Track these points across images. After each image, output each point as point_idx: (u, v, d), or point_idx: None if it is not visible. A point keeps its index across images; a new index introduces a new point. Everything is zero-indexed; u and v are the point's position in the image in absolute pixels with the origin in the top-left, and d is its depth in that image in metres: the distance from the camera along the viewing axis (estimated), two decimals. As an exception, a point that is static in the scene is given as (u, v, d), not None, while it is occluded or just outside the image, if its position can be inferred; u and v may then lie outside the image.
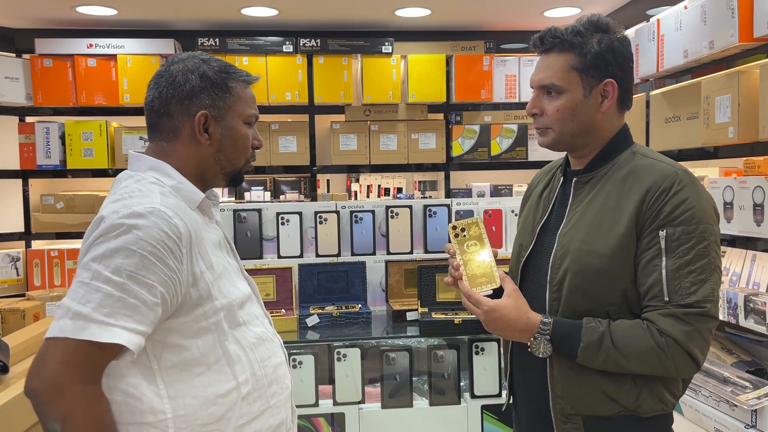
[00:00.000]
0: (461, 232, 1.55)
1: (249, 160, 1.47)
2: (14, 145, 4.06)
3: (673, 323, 1.36)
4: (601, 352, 1.39)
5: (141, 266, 1.19)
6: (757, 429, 2.25)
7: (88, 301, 1.17)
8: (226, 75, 1.40)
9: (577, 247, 1.45)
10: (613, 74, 1.47)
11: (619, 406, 1.42)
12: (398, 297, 3.05)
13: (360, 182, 4.65)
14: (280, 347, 1.52)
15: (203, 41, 4.07)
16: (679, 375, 1.41)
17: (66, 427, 1.16)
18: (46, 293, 3.48)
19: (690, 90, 2.81)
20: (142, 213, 1.22)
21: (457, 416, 2.73)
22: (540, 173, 1.76)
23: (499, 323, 1.47)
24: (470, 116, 4.46)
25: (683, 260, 1.37)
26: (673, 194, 1.38)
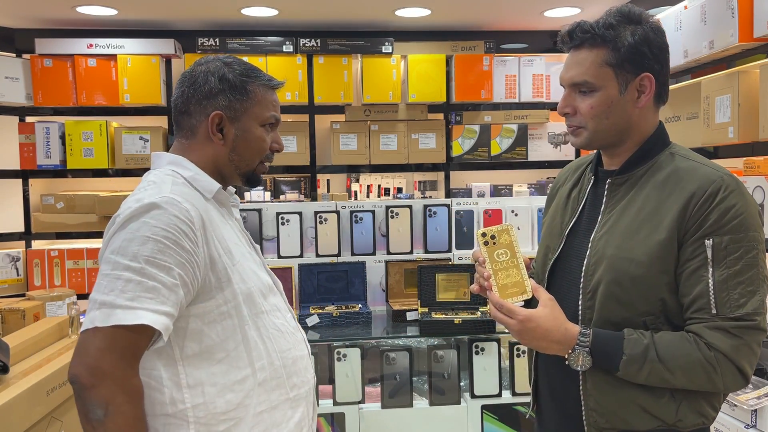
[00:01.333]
0: (491, 240, 1.46)
1: (264, 161, 1.50)
2: (14, 145, 4.06)
3: (721, 337, 1.29)
4: (645, 365, 1.31)
5: (156, 250, 1.25)
6: (757, 429, 2.25)
7: (111, 290, 1.23)
8: (246, 78, 1.45)
9: (612, 254, 1.37)
10: (650, 67, 1.38)
11: (657, 420, 1.35)
12: (398, 297, 3.05)
13: (360, 182, 4.65)
14: (302, 342, 1.52)
15: (203, 41, 4.07)
16: (726, 390, 1.35)
17: (109, 414, 1.19)
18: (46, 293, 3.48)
19: (690, 90, 2.81)
20: (153, 203, 1.28)
21: (457, 416, 2.73)
22: (566, 170, 1.67)
23: (535, 334, 1.37)
24: (470, 116, 4.46)
25: (731, 271, 1.29)
26: (720, 201, 1.30)
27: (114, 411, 1.20)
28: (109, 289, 1.23)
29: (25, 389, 1.97)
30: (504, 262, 1.44)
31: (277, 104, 1.51)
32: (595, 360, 1.35)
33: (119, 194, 4.05)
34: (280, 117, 1.51)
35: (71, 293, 3.56)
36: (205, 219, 1.34)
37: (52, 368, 2.20)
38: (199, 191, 1.41)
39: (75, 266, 4.05)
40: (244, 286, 1.38)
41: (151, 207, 1.27)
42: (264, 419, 1.38)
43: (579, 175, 1.58)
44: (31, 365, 2.23)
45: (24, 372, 2.14)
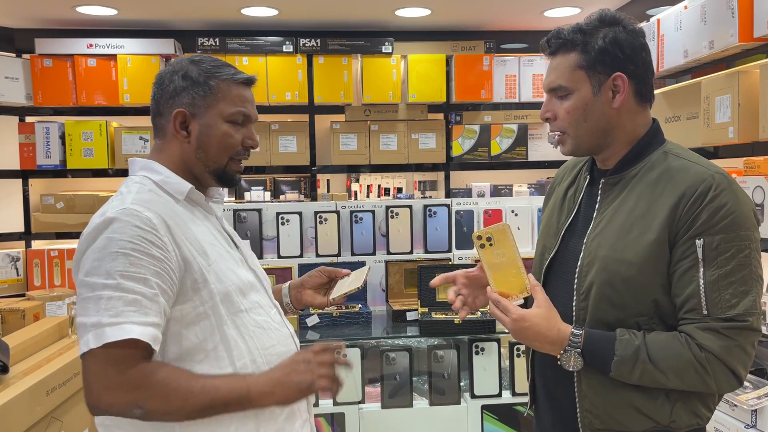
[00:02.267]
0: (487, 242, 1.43)
1: (234, 159, 1.47)
2: (14, 145, 4.06)
3: (712, 338, 1.28)
4: (637, 366, 1.31)
5: (128, 264, 1.25)
6: (757, 429, 2.25)
7: (97, 311, 1.24)
8: (210, 74, 1.44)
9: (604, 255, 1.37)
10: (622, 67, 1.38)
11: (651, 421, 1.35)
12: (398, 297, 3.05)
13: (360, 182, 4.65)
14: (289, 338, 1.51)
15: (203, 41, 4.07)
16: (719, 391, 1.34)
17: (144, 409, 1.24)
18: (46, 293, 3.48)
19: (690, 90, 2.81)
20: (111, 217, 1.29)
21: (457, 416, 2.73)
22: (564, 169, 1.67)
23: (528, 333, 1.37)
24: (470, 116, 4.46)
25: (723, 271, 1.28)
26: (711, 200, 1.29)
27: (146, 407, 1.24)
28: (94, 310, 1.24)
29: (25, 389, 1.97)
30: (501, 263, 1.42)
31: (246, 100, 1.47)
32: (586, 361, 1.35)
33: (119, 194, 4.05)
34: (251, 113, 1.48)
35: (71, 293, 3.56)
36: (171, 223, 1.34)
37: (52, 368, 2.20)
38: (170, 194, 1.41)
39: (75, 266, 4.05)
40: (220, 285, 1.37)
41: (110, 222, 1.28)
42: (249, 417, 1.37)
43: (575, 174, 1.58)
44: (31, 365, 2.23)
45: (24, 372, 2.14)
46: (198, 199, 1.47)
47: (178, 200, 1.42)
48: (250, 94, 1.49)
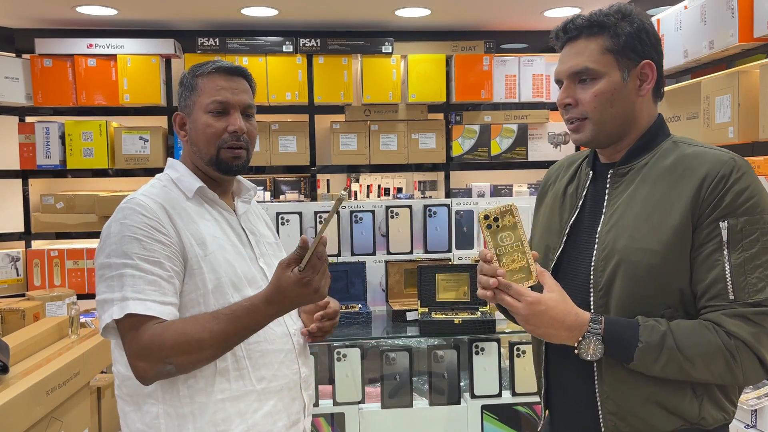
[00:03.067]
0: (494, 222, 1.34)
1: (224, 147, 1.52)
2: (14, 145, 4.06)
3: (741, 324, 1.22)
4: (663, 354, 1.23)
5: (142, 248, 1.38)
6: (757, 429, 2.25)
7: (121, 287, 1.36)
8: (193, 74, 1.55)
9: (624, 246, 1.30)
10: (650, 55, 1.35)
11: (680, 420, 1.29)
12: (398, 297, 3.05)
13: (360, 182, 4.65)
14: (283, 337, 1.53)
15: (203, 41, 4.07)
16: (746, 382, 1.27)
17: (173, 364, 1.35)
18: (46, 293, 3.48)
19: (690, 90, 2.81)
20: (123, 207, 1.44)
21: (457, 416, 2.72)
22: (558, 168, 1.61)
23: (544, 318, 1.27)
24: (470, 116, 4.46)
25: (748, 254, 1.23)
26: (734, 182, 1.25)
27: (172, 360, 1.34)
28: (118, 286, 1.36)
29: (25, 389, 1.97)
30: (508, 246, 1.34)
31: (223, 88, 1.52)
32: (607, 348, 1.27)
33: (119, 194, 4.05)
34: (228, 99, 1.51)
35: (71, 293, 3.56)
36: (173, 213, 1.45)
37: (52, 368, 2.20)
38: (182, 191, 1.53)
39: (75, 266, 4.05)
40: (213, 276, 1.44)
41: (121, 210, 1.43)
42: (226, 407, 1.43)
43: (574, 171, 1.52)
44: (31, 365, 2.22)
45: (24, 372, 2.14)
46: (211, 196, 1.55)
47: (189, 197, 1.51)
48: (230, 82, 1.53)
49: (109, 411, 3.15)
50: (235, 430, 1.44)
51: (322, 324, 1.61)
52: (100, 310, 1.39)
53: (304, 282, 1.31)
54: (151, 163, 4.11)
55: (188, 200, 1.51)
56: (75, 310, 2.76)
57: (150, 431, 1.43)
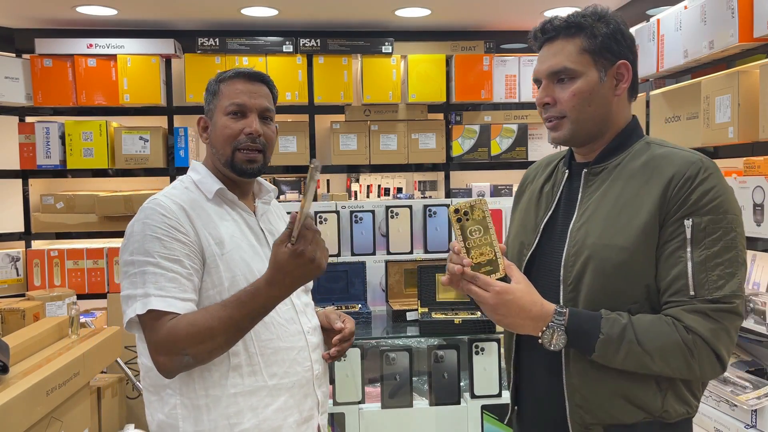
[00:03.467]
0: (464, 216, 1.39)
1: (239, 149, 1.57)
2: (14, 145, 4.06)
3: (700, 320, 1.26)
4: (623, 346, 1.28)
5: (162, 246, 1.44)
6: (757, 429, 2.25)
7: (144, 284, 1.43)
8: (217, 79, 1.63)
9: (593, 242, 1.35)
10: (626, 56, 1.40)
11: (644, 412, 1.33)
12: (398, 297, 3.05)
13: (360, 182, 4.65)
14: (296, 335, 1.59)
15: (203, 41, 4.07)
16: (702, 377, 1.32)
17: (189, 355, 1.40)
18: (46, 293, 3.48)
19: (690, 90, 2.81)
20: (145, 207, 1.50)
21: (457, 416, 2.72)
22: (535, 168, 1.65)
23: (511, 307, 1.32)
24: (470, 116, 4.46)
25: (710, 252, 1.28)
26: (700, 182, 1.29)
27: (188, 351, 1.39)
28: (141, 283, 1.43)
29: (25, 389, 1.97)
30: (477, 239, 1.39)
31: (241, 92, 1.58)
32: (570, 339, 1.32)
33: (119, 194, 4.05)
34: (246, 102, 1.58)
35: (71, 293, 3.56)
36: (193, 213, 1.51)
37: (52, 368, 2.20)
38: (203, 192, 1.59)
39: (75, 266, 4.05)
40: (229, 274, 1.50)
41: (142, 210, 1.50)
42: (239, 401, 1.50)
43: (551, 171, 1.56)
44: (31, 365, 2.23)
45: (24, 372, 2.14)
46: (232, 198, 1.60)
47: (209, 198, 1.58)
48: (248, 87, 1.60)
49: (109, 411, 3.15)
50: (247, 424, 1.50)
51: (341, 347, 1.67)
52: (124, 305, 1.46)
53: (297, 253, 1.32)
54: (151, 163, 4.11)
55: (208, 201, 1.57)
56: (75, 310, 2.76)
57: (169, 420, 1.50)
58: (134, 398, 3.63)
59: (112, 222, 4.06)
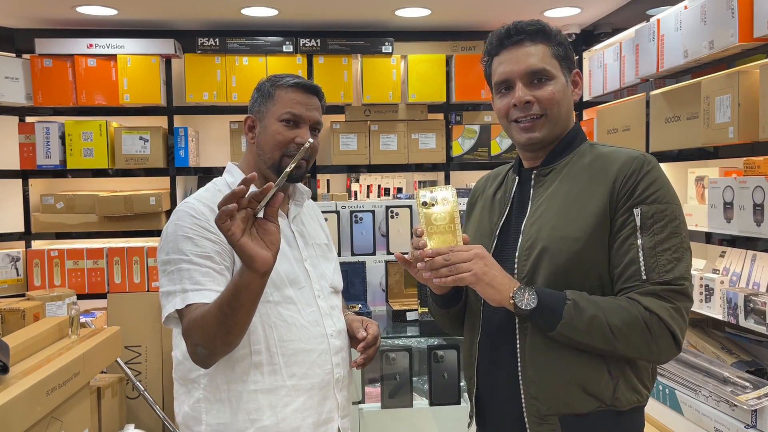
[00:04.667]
0: (430, 202, 1.43)
1: (288, 155, 1.62)
2: (14, 145, 4.06)
3: (654, 300, 1.33)
4: (588, 316, 1.32)
5: (194, 245, 1.52)
6: (757, 429, 2.25)
7: (180, 280, 1.49)
8: (273, 83, 1.67)
9: (547, 235, 1.40)
10: (575, 66, 1.53)
11: (597, 401, 1.38)
12: (398, 297, 3.05)
13: (360, 182, 4.65)
14: (319, 337, 1.62)
15: (203, 41, 4.07)
16: (659, 357, 1.37)
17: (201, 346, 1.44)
18: (46, 293, 3.48)
19: (690, 90, 2.81)
20: (177, 210, 1.58)
21: (457, 416, 2.72)
22: (484, 180, 1.71)
23: (494, 266, 1.37)
24: (470, 116, 4.46)
25: (658, 238, 1.35)
26: (644, 174, 1.38)
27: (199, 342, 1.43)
28: (178, 279, 1.49)
29: (25, 389, 1.97)
30: (441, 226, 1.41)
31: (298, 102, 1.64)
32: (540, 299, 1.34)
33: (119, 194, 4.06)
34: (301, 113, 1.64)
35: (71, 293, 3.56)
36: None
37: (52, 368, 2.20)
38: None
39: (75, 266, 4.05)
40: None
41: (175, 213, 1.58)
42: (258, 398, 1.55)
43: (501, 180, 1.63)
44: (31, 365, 2.23)
45: (24, 372, 2.14)
46: None
47: None
48: (305, 98, 1.66)
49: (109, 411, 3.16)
50: (266, 421, 1.55)
51: (366, 354, 1.70)
52: (164, 301, 1.52)
53: (220, 223, 1.27)
54: (151, 163, 4.11)
55: None
56: (75, 310, 2.76)
57: (193, 413, 1.58)
58: (134, 398, 3.63)
59: (112, 222, 4.07)
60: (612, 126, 3.49)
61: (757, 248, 2.50)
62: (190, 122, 4.41)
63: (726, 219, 2.54)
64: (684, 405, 2.60)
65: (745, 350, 2.70)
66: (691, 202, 3.04)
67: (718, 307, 2.57)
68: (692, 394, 2.57)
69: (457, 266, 1.35)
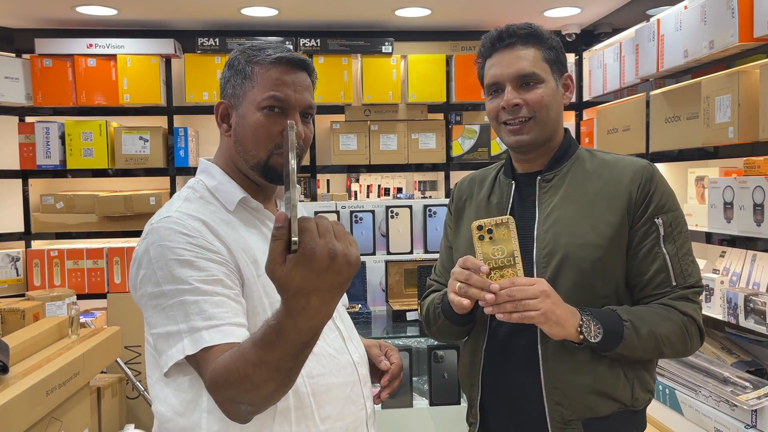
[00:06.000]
0: (487, 234, 1.32)
1: (277, 152, 1.28)
2: (14, 145, 4.06)
3: (686, 303, 1.41)
4: (643, 333, 1.35)
5: (197, 269, 1.15)
6: (757, 429, 2.25)
7: (186, 317, 1.13)
8: (249, 59, 1.29)
9: (567, 242, 1.42)
10: (567, 69, 1.54)
11: (617, 403, 1.42)
12: (398, 297, 3.05)
13: (360, 182, 4.65)
14: (348, 367, 1.31)
15: (203, 41, 4.07)
16: (692, 352, 1.45)
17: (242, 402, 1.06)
18: (45, 293, 3.48)
19: (690, 90, 2.81)
20: (157, 227, 1.20)
21: (457, 416, 2.72)
22: (467, 184, 1.67)
23: (557, 303, 1.31)
24: (470, 116, 4.46)
25: (678, 244, 1.43)
26: (656, 183, 1.44)
27: (238, 399, 1.06)
28: (182, 316, 1.13)
29: (25, 389, 1.97)
30: (499, 260, 1.31)
31: (284, 83, 1.27)
32: (604, 328, 1.34)
33: (119, 194, 4.05)
34: (289, 97, 1.27)
35: (71, 293, 3.56)
36: (219, 230, 1.23)
37: (52, 368, 2.20)
38: (221, 202, 1.30)
39: (75, 266, 4.05)
40: (268, 300, 1.23)
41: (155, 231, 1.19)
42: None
43: (490, 185, 1.60)
44: (31, 365, 2.23)
45: (24, 372, 2.14)
46: (256, 206, 1.33)
47: (230, 210, 1.29)
48: (292, 77, 1.28)
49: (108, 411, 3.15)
50: None
51: (392, 387, 1.45)
52: (162, 345, 1.16)
53: (307, 257, 0.88)
54: (151, 163, 4.11)
55: (229, 212, 1.29)
56: (75, 310, 2.77)
57: None
58: (134, 398, 3.63)
59: (112, 222, 4.07)
60: (612, 126, 3.49)
61: (757, 248, 2.50)
62: (190, 122, 4.41)
63: (726, 219, 2.53)
64: (684, 405, 2.60)
65: (745, 350, 2.70)
66: (691, 202, 3.04)
67: (718, 307, 2.57)
68: (692, 394, 2.57)
69: (523, 303, 1.29)
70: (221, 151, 1.36)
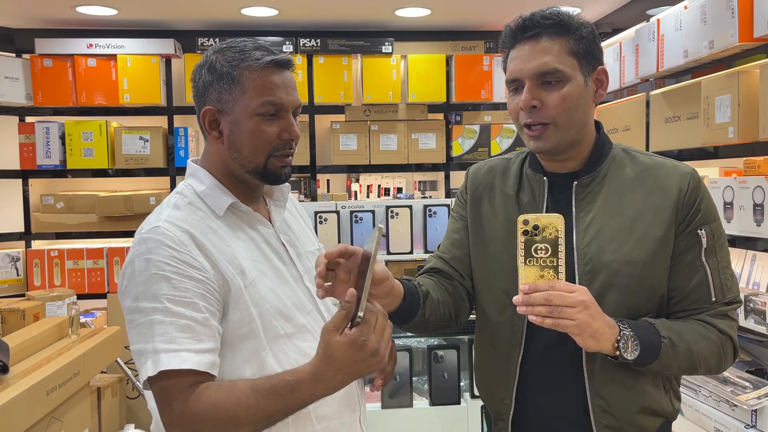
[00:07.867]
0: (533, 230, 1.20)
1: (275, 155, 1.30)
2: (14, 145, 4.06)
3: (725, 321, 1.33)
4: (680, 350, 1.26)
5: (172, 288, 1.18)
6: (757, 429, 2.25)
7: (152, 337, 1.17)
8: (233, 63, 1.28)
9: (612, 259, 1.30)
10: (601, 61, 1.35)
11: (662, 417, 1.36)
12: (398, 297, 3.05)
13: (360, 182, 4.65)
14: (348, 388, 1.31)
15: (203, 41, 4.07)
16: (723, 371, 1.39)
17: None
18: (46, 293, 3.48)
19: (690, 90, 2.81)
20: (146, 238, 1.22)
21: (457, 416, 2.72)
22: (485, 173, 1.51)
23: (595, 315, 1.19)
24: (470, 116, 4.46)
25: (719, 257, 1.34)
26: (701, 192, 1.34)
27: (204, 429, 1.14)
28: (149, 336, 1.17)
29: (25, 389, 1.97)
30: (541, 260, 1.20)
31: (276, 86, 1.28)
32: (642, 346, 1.23)
33: (119, 194, 4.06)
34: (282, 100, 1.28)
35: (71, 293, 3.56)
36: (205, 240, 1.24)
37: (52, 368, 2.20)
38: (210, 208, 1.30)
39: (75, 266, 4.05)
40: (256, 309, 1.25)
41: (144, 242, 1.22)
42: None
43: (516, 178, 1.45)
44: (31, 365, 2.22)
45: (24, 372, 2.14)
46: (246, 210, 1.33)
47: (219, 215, 1.30)
48: (282, 79, 1.30)
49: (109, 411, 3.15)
50: None
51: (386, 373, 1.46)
52: (137, 362, 1.21)
53: (359, 344, 1.05)
54: (151, 163, 4.12)
55: (218, 218, 1.29)
56: (75, 310, 2.76)
57: None
58: (134, 398, 3.63)
59: (112, 222, 4.07)
60: (612, 126, 3.49)
61: (757, 248, 2.50)
62: (190, 122, 4.41)
63: (726, 219, 2.53)
64: (684, 405, 2.60)
65: (745, 350, 2.70)
66: (691, 202, 3.03)
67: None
68: (692, 394, 2.57)
69: (559, 310, 1.17)
70: (209, 156, 1.36)
